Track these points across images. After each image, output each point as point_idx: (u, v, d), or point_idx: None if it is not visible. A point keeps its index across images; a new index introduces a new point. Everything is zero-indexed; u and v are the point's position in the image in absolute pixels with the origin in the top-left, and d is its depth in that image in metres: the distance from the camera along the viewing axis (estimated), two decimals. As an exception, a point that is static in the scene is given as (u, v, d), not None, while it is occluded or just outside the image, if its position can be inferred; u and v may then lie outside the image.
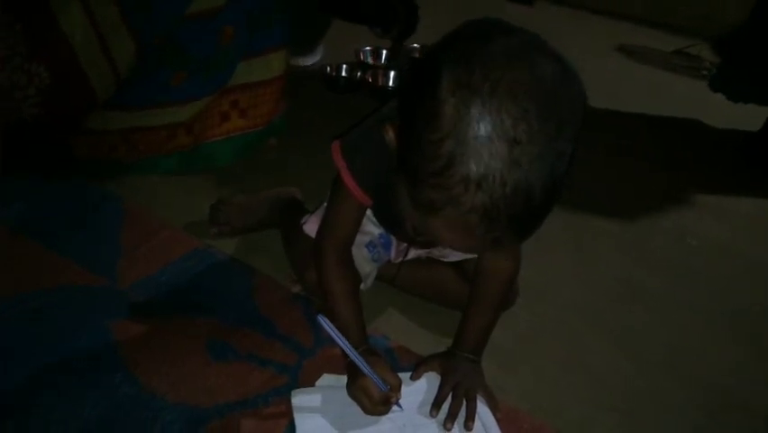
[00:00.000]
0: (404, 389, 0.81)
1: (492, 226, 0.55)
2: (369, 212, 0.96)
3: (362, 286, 0.96)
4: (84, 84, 1.14)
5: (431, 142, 0.54)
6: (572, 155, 0.56)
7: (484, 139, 0.52)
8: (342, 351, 0.83)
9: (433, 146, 0.54)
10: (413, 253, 1.03)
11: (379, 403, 0.78)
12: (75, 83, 1.14)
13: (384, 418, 0.80)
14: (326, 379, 0.86)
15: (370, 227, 0.99)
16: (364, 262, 0.96)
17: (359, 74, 1.79)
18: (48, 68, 1.10)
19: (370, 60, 1.89)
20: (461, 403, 0.82)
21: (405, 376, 0.85)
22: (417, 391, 0.85)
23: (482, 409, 0.83)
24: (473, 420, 0.81)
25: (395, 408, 0.80)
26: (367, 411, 0.79)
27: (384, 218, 0.96)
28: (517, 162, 0.52)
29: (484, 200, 0.53)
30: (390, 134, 0.65)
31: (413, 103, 0.58)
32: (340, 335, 0.75)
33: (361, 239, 0.96)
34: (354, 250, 0.91)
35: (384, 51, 1.89)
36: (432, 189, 0.56)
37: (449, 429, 0.80)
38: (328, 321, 0.73)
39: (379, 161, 0.72)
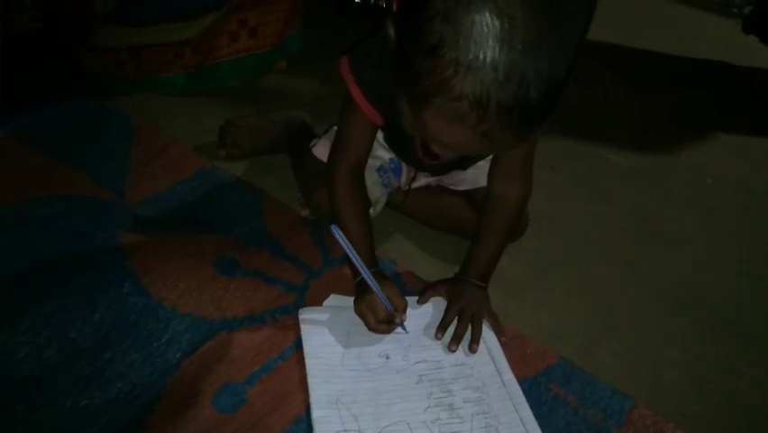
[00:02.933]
0: (410, 312, 0.82)
1: (483, 116, 0.52)
2: (379, 136, 0.94)
3: (371, 211, 0.95)
4: None
5: (422, 21, 0.51)
6: (575, 57, 0.53)
7: (474, 16, 0.49)
8: (351, 270, 0.84)
9: (424, 25, 0.51)
10: (423, 181, 1.02)
11: (384, 322, 0.79)
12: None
13: (389, 337, 0.81)
14: (334, 299, 0.86)
15: (381, 152, 0.97)
16: (374, 186, 0.95)
17: (372, -2, 1.72)
18: None
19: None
20: (467, 327, 0.82)
21: (411, 300, 0.85)
22: (424, 314, 0.86)
23: (487, 334, 0.84)
24: (478, 343, 0.81)
25: (399, 330, 0.81)
26: (370, 328, 0.79)
27: (393, 140, 0.94)
28: (510, 44, 0.49)
29: (474, 85, 0.51)
30: (391, 30, 0.62)
31: None
32: (351, 247, 0.75)
33: (371, 163, 0.95)
34: (365, 174, 0.89)
35: (399, -25, 1.81)
36: (423, 76, 0.53)
37: (453, 351, 0.81)
38: (341, 232, 0.73)
39: (388, 74, 0.69)
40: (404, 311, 0.80)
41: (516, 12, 0.48)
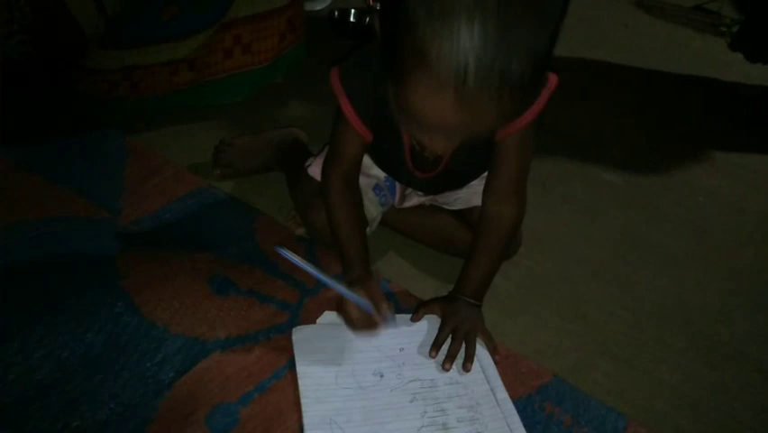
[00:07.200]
0: (404, 330, 0.82)
1: (463, 83, 0.54)
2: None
3: (368, 230, 0.95)
4: (69, 21, 1.11)
5: (407, 8, 0.54)
6: (554, 33, 0.55)
7: (453, 4, 0.52)
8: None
9: (409, 12, 0.54)
10: (416, 200, 1.02)
11: (362, 321, 0.78)
12: (59, 20, 1.11)
13: (384, 355, 0.81)
14: (328, 316, 0.86)
15: (376, 170, 0.98)
16: (371, 205, 0.96)
17: (367, 19, 1.74)
18: (29, 2, 1.08)
19: (378, 6, 1.84)
20: (461, 345, 0.82)
21: (405, 318, 0.85)
22: (417, 332, 0.86)
23: (481, 352, 0.84)
24: (472, 362, 0.81)
25: (389, 322, 0.79)
26: (355, 331, 0.79)
27: (382, 157, 0.95)
28: (485, 24, 0.51)
29: (453, 52, 0.53)
30: (377, 23, 0.64)
31: None
32: (302, 262, 0.71)
33: (367, 182, 0.95)
34: (361, 195, 0.90)
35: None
36: (405, 51, 0.56)
37: (447, 370, 0.81)
38: (288, 251, 0.70)
39: (377, 86, 0.70)
40: (380, 304, 0.78)
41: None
